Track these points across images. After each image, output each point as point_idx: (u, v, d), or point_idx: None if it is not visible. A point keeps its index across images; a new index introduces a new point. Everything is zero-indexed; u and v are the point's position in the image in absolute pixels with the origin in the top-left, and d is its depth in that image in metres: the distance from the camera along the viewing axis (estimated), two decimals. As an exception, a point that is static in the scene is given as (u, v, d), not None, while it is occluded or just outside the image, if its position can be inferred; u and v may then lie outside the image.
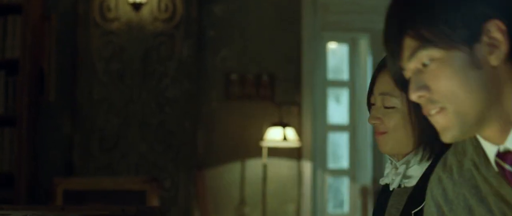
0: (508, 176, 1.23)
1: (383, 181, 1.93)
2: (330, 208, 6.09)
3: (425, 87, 1.24)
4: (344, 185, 6.15)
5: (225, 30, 5.72)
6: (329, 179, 6.07)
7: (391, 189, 1.91)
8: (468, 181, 1.31)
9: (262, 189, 5.62)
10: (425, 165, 1.84)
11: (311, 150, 5.79)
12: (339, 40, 6.26)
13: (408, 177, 1.86)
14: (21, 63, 4.76)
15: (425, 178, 1.82)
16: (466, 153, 1.33)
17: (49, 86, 4.99)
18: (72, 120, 5.47)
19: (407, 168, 1.86)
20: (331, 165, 6.09)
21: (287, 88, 5.72)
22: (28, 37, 4.78)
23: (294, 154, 5.74)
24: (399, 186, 1.89)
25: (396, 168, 1.88)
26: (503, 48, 1.21)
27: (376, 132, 1.88)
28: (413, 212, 1.78)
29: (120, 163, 5.44)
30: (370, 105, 1.92)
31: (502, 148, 1.24)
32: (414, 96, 1.25)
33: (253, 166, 5.70)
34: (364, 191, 5.75)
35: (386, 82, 1.86)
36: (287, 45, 5.74)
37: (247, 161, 5.70)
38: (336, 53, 6.44)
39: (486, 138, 1.26)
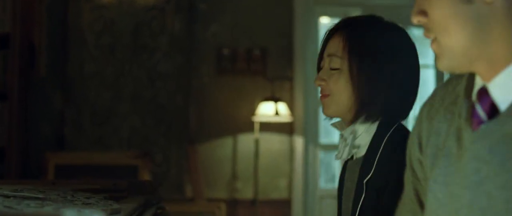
0: (475, 115, 1.21)
1: (336, 157, 1.91)
2: (322, 182, 6.11)
3: (423, 13, 1.23)
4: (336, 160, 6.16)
5: (217, 3, 5.70)
6: (321, 154, 6.08)
7: (342, 161, 1.91)
8: (449, 113, 1.30)
9: (254, 164, 5.63)
10: (372, 132, 1.83)
11: (303, 125, 5.80)
12: (331, 14, 6.24)
13: (357, 147, 1.85)
14: (11, 37, 4.72)
15: (372, 146, 1.81)
16: (458, 84, 1.31)
17: (40, 60, 4.96)
18: (63, 94, 5.45)
19: (354, 137, 1.85)
20: (323, 140, 6.10)
21: (279, 63, 5.71)
22: (19, 12, 4.75)
23: (286, 129, 5.75)
24: (352, 157, 1.88)
25: (345, 140, 1.87)
26: None
27: (320, 95, 1.89)
28: (364, 181, 1.78)
29: (111, 138, 5.44)
30: (319, 69, 1.92)
31: (484, 85, 1.21)
32: (414, 20, 1.25)
33: (245, 141, 5.70)
34: (355, 166, 5.77)
35: (334, 44, 1.87)
36: (279, 19, 5.72)
37: (239, 136, 5.71)
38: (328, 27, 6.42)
39: (478, 74, 1.23)
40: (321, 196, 6.00)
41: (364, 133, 1.84)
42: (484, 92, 1.20)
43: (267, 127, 5.67)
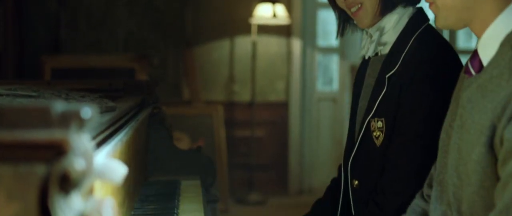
0: (467, 70, 1.41)
1: (360, 53, 1.93)
2: (319, 85, 6.11)
3: None
4: (334, 62, 6.14)
5: None
6: (319, 57, 6.05)
7: (366, 58, 1.90)
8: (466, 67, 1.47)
9: (251, 67, 5.61)
10: (399, 30, 1.82)
11: (301, 27, 5.75)
12: None
13: (383, 44, 1.84)
14: None
15: (399, 43, 1.80)
16: None
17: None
18: (57, -3, 5.37)
19: (381, 34, 1.84)
20: (321, 42, 6.06)
21: (276, -36, 5.60)
22: None
23: (283, 31, 5.70)
24: (376, 54, 1.87)
25: (371, 37, 1.87)
26: None
27: (353, 13, 1.87)
28: (387, 76, 1.77)
29: (108, 41, 5.39)
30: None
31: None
32: None
33: (242, 44, 5.67)
34: (353, 69, 5.75)
35: None
36: None
37: (236, 38, 5.67)
38: None
39: (473, 32, 1.43)
40: (319, 98, 6.01)
41: (391, 30, 1.83)
42: (476, 50, 1.40)
43: (264, 29, 5.62)
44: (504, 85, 1.28)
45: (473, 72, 1.39)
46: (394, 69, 1.76)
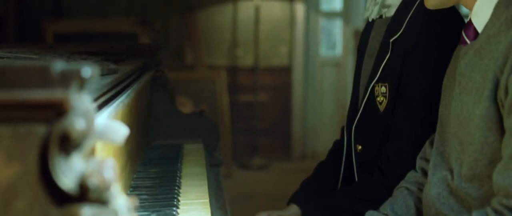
0: (463, 41, 1.44)
1: (364, 15, 1.90)
2: (323, 50, 6.08)
3: None
4: (337, 27, 6.10)
5: None
6: (322, 21, 6.01)
7: (370, 20, 1.88)
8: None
9: (254, 31, 5.58)
10: None
11: (304, -9, 5.71)
12: None
13: (387, 6, 1.81)
14: None
15: (404, 6, 1.78)
16: None
17: None
18: (58, -39, 5.33)
19: None
20: (324, 6, 6.02)
21: None
22: None
23: (286, -5, 5.66)
24: (380, 17, 1.85)
25: None
26: None
27: None
28: (391, 41, 1.75)
29: (109, 6, 5.36)
30: None
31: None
32: None
33: (245, 8, 5.63)
34: (357, 34, 5.71)
35: None
36: None
37: (239, 2, 5.63)
38: None
39: (463, 5, 1.46)
40: (322, 63, 5.99)
41: None
42: (470, 20, 1.43)
43: (267, -7, 5.59)
44: (503, 38, 1.29)
45: (468, 41, 1.41)
46: (398, 34, 1.74)
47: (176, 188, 1.67)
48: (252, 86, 5.63)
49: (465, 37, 1.43)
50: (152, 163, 1.98)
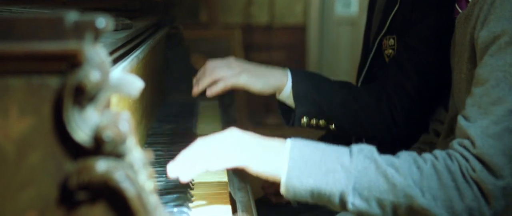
0: (456, 12, 1.45)
1: None
2: (339, 8, 6.01)
3: None
4: (353, -15, 6.04)
5: None
6: (338, -21, 5.95)
7: None
8: None
9: (270, -11, 5.53)
10: None
11: None
12: None
13: None
14: None
15: None
16: None
17: None
18: None
19: None
20: (340, -36, 5.95)
21: None
22: None
23: (302, -48, 5.60)
24: None
25: None
26: None
27: None
28: None
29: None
30: None
31: None
32: None
33: (260, -35, 5.57)
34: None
35: None
36: None
37: (254, -40, 5.57)
38: None
39: None
40: (337, 21, 5.93)
41: None
42: None
43: (282, -50, 5.52)
44: (484, 2, 1.27)
45: (460, 11, 1.43)
46: None
47: (192, 144, 1.66)
48: (267, 44, 5.60)
49: (457, 7, 1.44)
50: (167, 120, 1.98)
